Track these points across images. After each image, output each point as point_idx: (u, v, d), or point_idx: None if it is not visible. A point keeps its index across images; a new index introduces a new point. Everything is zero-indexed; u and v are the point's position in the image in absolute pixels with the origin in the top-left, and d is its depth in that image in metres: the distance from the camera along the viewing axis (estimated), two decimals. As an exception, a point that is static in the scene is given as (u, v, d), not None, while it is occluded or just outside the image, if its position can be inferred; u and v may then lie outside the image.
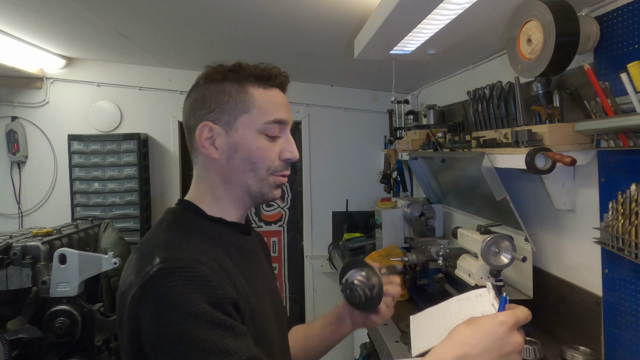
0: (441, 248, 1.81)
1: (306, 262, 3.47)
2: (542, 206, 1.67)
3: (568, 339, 1.49)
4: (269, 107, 0.90)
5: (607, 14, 1.27)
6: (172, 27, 2.28)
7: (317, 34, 2.08)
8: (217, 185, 0.91)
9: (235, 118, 0.88)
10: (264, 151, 0.89)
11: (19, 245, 2.27)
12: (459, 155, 1.91)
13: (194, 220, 0.88)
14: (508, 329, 0.72)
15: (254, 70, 0.91)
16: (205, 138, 0.88)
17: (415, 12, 1.23)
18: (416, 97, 3.19)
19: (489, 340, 0.71)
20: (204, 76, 0.92)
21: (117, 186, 3.21)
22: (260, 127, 0.89)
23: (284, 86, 0.96)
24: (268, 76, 0.92)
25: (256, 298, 0.85)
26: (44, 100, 3.23)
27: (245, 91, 0.89)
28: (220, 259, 0.81)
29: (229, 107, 0.88)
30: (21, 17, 2.23)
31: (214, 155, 0.89)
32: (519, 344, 0.72)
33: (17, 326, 2.05)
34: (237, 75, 0.90)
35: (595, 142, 1.27)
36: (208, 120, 0.88)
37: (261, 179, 0.90)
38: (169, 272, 0.72)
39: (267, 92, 0.91)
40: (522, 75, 1.45)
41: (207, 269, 0.74)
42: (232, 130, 0.88)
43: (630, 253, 1.13)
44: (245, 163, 0.88)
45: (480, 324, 0.73)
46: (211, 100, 0.89)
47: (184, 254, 0.76)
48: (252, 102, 0.89)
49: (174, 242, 0.80)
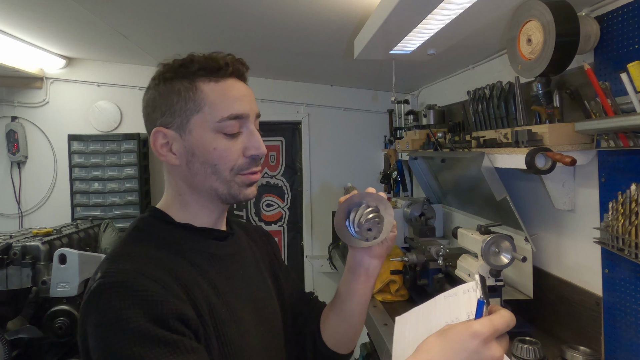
0: (441, 248, 1.81)
1: (306, 262, 3.47)
2: (542, 206, 1.67)
3: (568, 339, 1.49)
4: (222, 103, 0.81)
5: (607, 14, 1.27)
6: (172, 27, 2.28)
7: (317, 34, 2.08)
8: (183, 190, 0.85)
9: (187, 119, 0.81)
10: (223, 151, 0.81)
11: (19, 245, 2.27)
12: (459, 155, 1.91)
13: (157, 228, 0.83)
14: (482, 342, 0.62)
15: (203, 62, 0.82)
16: (161, 145, 0.82)
17: (415, 12, 1.23)
18: (416, 97, 3.19)
19: (458, 356, 0.62)
20: (154, 76, 0.85)
21: (117, 186, 3.21)
22: (214, 125, 0.81)
23: (241, 75, 0.87)
24: (218, 67, 0.83)
25: (226, 308, 0.79)
26: (44, 100, 3.23)
27: (195, 87, 0.81)
28: (177, 268, 0.76)
29: (179, 108, 0.81)
30: (21, 17, 2.23)
31: (173, 161, 0.83)
32: (495, 358, 0.62)
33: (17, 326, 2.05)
34: (186, 70, 0.82)
35: (595, 142, 1.27)
36: (160, 126, 0.82)
37: (226, 180, 0.83)
38: (107, 287, 0.68)
39: (219, 86, 0.82)
40: (522, 75, 1.45)
41: (151, 281, 0.69)
42: (186, 133, 0.81)
43: (630, 253, 1.13)
44: (205, 166, 0.82)
45: (451, 337, 0.63)
46: (161, 103, 0.82)
47: (126, 267, 0.71)
48: (202, 99, 0.81)
49: (124, 253, 0.76)
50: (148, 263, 0.74)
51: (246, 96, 0.85)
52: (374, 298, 2.03)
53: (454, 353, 0.62)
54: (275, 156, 3.52)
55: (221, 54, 0.85)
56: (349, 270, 0.97)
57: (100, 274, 0.71)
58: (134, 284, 0.68)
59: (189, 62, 0.83)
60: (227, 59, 0.84)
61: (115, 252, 0.78)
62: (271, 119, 3.40)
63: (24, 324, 2.08)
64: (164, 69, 0.84)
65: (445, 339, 0.64)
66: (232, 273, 0.86)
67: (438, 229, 2.48)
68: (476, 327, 0.63)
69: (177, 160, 0.83)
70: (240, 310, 0.83)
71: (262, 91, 3.36)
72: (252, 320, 0.85)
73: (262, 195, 3.51)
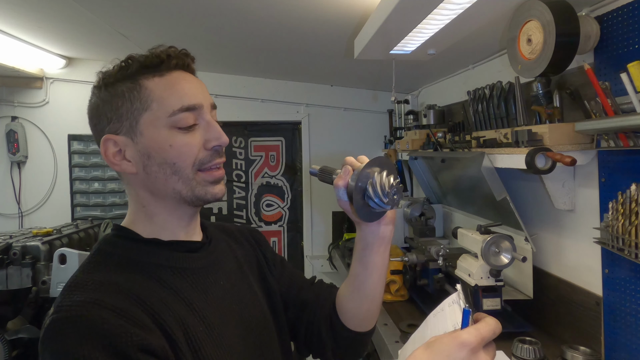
0: (441, 248, 1.81)
1: (306, 262, 3.47)
2: (542, 206, 1.67)
3: (568, 339, 1.49)
4: (171, 95, 0.76)
5: (607, 14, 1.27)
6: (172, 27, 2.28)
7: (317, 34, 2.08)
8: (146, 201, 0.79)
9: (136, 120, 0.75)
10: (182, 147, 0.76)
11: (19, 245, 2.27)
12: (459, 155, 1.91)
13: (121, 248, 0.77)
14: (470, 352, 0.60)
15: (143, 60, 0.77)
16: (113, 154, 0.77)
17: (415, 12, 1.23)
18: (416, 97, 3.19)
19: None
20: (94, 84, 0.80)
21: (117, 186, 3.21)
22: (167, 121, 0.75)
23: (187, 66, 0.81)
24: (159, 61, 0.77)
25: (204, 325, 0.74)
26: (44, 100, 3.23)
27: (139, 86, 0.76)
28: (143, 291, 0.70)
29: (125, 110, 0.76)
30: (21, 17, 2.22)
31: (129, 169, 0.77)
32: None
33: (17, 326, 2.05)
34: (126, 71, 0.77)
35: (595, 142, 1.27)
36: (109, 133, 0.77)
37: (188, 179, 0.77)
38: (61, 323, 0.63)
39: (165, 79, 0.77)
40: (522, 75, 1.45)
41: (109, 311, 0.63)
42: (137, 136, 0.76)
43: (630, 253, 1.13)
44: (164, 167, 0.76)
45: (438, 349, 0.61)
46: (106, 110, 0.77)
47: (83, 298, 0.65)
48: (148, 95, 0.75)
49: (79, 282, 0.70)
50: (107, 291, 0.67)
51: (197, 87, 0.80)
52: (374, 298, 2.03)
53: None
54: (275, 156, 3.52)
55: (162, 47, 0.79)
56: (366, 247, 0.91)
57: (54, 309, 0.65)
58: (89, 317, 0.62)
59: (128, 62, 0.78)
60: (168, 51, 0.79)
61: (72, 281, 0.71)
62: (271, 119, 3.41)
63: (24, 324, 2.08)
64: (102, 75, 0.79)
65: (433, 351, 0.62)
66: (209, 285, 0.80)
67: (438, 229, 2.48)
68: (463, 336, 0.61)
69: (134, 167, 0.77)
70: (220, 324, 0.77)
71: (262, 91, 3.37)
72: (238, 333, 0.80)
73: (262, 195, 3.51)
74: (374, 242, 0.90)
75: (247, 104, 3.37)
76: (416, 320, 1.74)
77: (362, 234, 0.91)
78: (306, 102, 3.42)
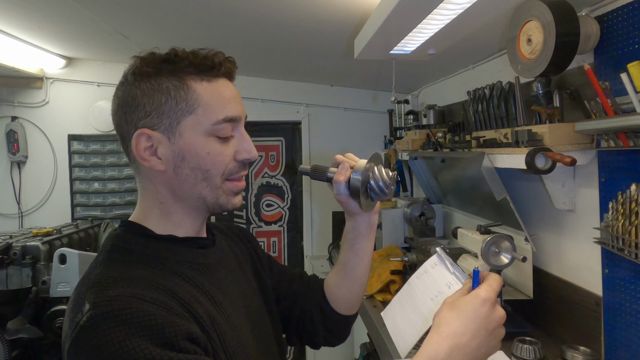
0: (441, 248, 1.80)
1: (306, 262, 3.47)
2: (542, 206, 1.67)
3: (568, 339, 1.49)
4: (217, 104, 0.76)
5: (607, 14, 1.27)
6: (172, 27, 2.28)
7: (317, 34, 2.08)
8: (166, 199, 0.79)
9: (177, 121, 0.74)
10: (217, 156, 0.76)
11: (19, 245, 2.27)
12: (459, 155, 1.91)
13: (137, 245, 0.76)
14: (490, 306, 0.70)
15: (193, 59, 0.76)
16: (145, 148, 0.75)
17: (415, 12, 1.23)
18: (416, 97, 3.19)
19: (476, 323, 0.69)
20: (132, 70, 0.77)
21: (117, 186, 3.21)
22: (208, 128, 0.75)
23: (231, 75, 0.81)
24: (211, 65, 0.77)
25: (225, 318, 0.75)
26: (44, 100, 3.23)
27: (187, 87, 0.75)
28: (172, 285, 0.70)
29: (168, 108, 0.74)
30: (21, 17, 2.23)
31: (158, 167, 0.76)
32: (502, 317, 0.71)
33: (17, 326, 2.05)
34: (173, 67, 0.75)
35: (595, 142, 1.27)
36: (145, 127, 0.74)
37: (216, 187, 0.77)
38: (103, 318, 0.60)
39: (212, 85, 0.77)
40: (522, 75, 1.45)
41: (150, 304, 0.63)
42: (175, 136, 0.75)
43: (630, 253, 1.13)
44: (196, 172, 0.76)
45: (464, 308, 0.70)
46: (145, 102, 0.74)
47: (119, 292, 0.64)
48: (196, 99, 0.75)
49: (108, 278, 0.68)
50: (140, 285, 0.67)
51: (237, 98, 0.80)
52: (373, 298, 2.03)
53: (471, 321, 0.69)
54: (275, 156, 3.52)
55: (211, 51, 0.79)
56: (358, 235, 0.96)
57: (90, 305, 0.62)
58: (132, 309, 0.61)
59: (174, 57, 0.76)
60: (219, 57, 0.78)
61: (98, 278, 0.68)
62: (271, 119, 3.40)
63: (24, 324, 2.08)
64: (141, 63, 0.76)
65: (460, 310, 0.70)
66: (221, 280, 0.82)
67: (438, 229, 2.49)
68: (483, 294, 0.71)
69: (163, 165, 0.76)
70: (237, 317, 0.80)
71: (262, 91, 3.37)
72: (248, 326, 0.83)
73: (262, 195, 3.51)
74: (365, 230, 0.96)
75: (247, 104, 3.29)
76: (416, 320, 1.74)
77: (354, 223, 0.96)
78: (306, 102, 3.42)
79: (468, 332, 0.68)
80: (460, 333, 0.68)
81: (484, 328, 0.69)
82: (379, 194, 0.84)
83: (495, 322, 0.70)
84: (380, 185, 0.83)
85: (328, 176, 0.88)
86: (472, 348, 0.68)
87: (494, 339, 0.71)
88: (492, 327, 0.70)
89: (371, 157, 0.87)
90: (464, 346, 0.68)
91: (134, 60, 0.78)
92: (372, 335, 1.81)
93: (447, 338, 0.68)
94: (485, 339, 0.70)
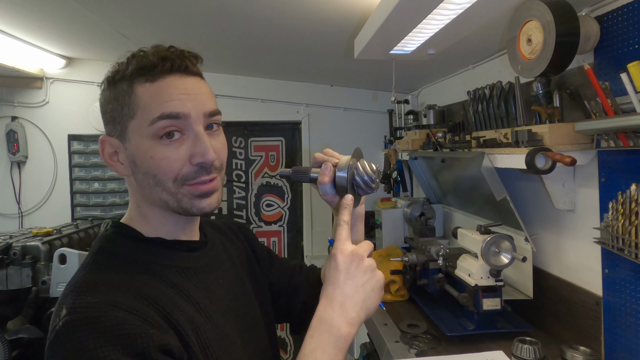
0: (441, 248, 1.81)
1: (306, 262, 3.47)
2: (542, 206, 1.67)
3: (568, 339, 1.49)
4: (155, 102, 0.71)
5: (607, 14, 1.27)
6: (172, 27, 2.28)
7: (317, 34, 2.08)
8: (141, 202, 0.78)
9: (125, 126, 0.73)
10: (161, 160, 0.71)
11: (19, 245, 2.28)
12: (459, 155, 1.91)
13: (124, 248, 0.75)
14: (340, 252, 0.76)
15: (141, 61, 0.73)
16: (109, 154, 0.77)
17: (415, 12, 1.23)
18: (416, 97, 3.19)
19: (351, 281, 0.75)
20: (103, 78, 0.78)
21: (117, 186, 3.21)
22: (147, 130, 0.71)
23: (186, 69, 0.75)
24: (152, 64, 0.72)
25: (210, 324, 0.74)
26: (44, 100, 3.23)
27: (131, 91, 0.72)
28: (153, 292, 0.69)
29: (117, 114, 0.74)
30: (21, 17, 2.22)
31: (122, 172, 0.77)
32: (351, 253, 0.76)
33: (17, 326, 2.05)
34: (125, 71, 0.74)
35: (595, 142, 1.27)
36: (106, 134, 0.77)
37: (171, 192, 0.73)
38: (77, 324, 0.60)
39: (155, 85, 0.72)
40: (522, 75, 1.45)
41: (126, 313, 0.62)
42: (126, 141, 0.74)
43: (630, 253, 1.13)
44: (147, 177, 0.73)
45: (333, 267, 0.76)
46: (104, 110, 0.76)
47: (96, 299, 0.63)
48: (136, 102, 0.72)
49: (88, 283, 0.67)
50: (120, 291, 0.66)
51: (188, 93, 0.73)
52: (374, 298, 2.02)
53: (333, 276, 0.75)
54: (275, 156, 3.52)
55: (160, 47, 0.75)
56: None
57: (67, 310, 0.62)
58: (107, 318, 0.61)
59: (130, 60, 0.74)
60: (163, 53, 0.74)
61: (79, 282, 0.68)
62: (271, 119, 3.41)
63: (24, 324, 2.08)
64: (111, 69, 0.76)
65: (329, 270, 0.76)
66: (210, 284, 0.80)
67: (438, 229, 2.48)
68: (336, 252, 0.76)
69: (125, 170, 0.77)
70: (224, 322, 0.78)
71: (262, 91, 3.37)
72: (237, 330, 0.81)
73: (262, 195, 3.52)
74: (354, 222, 0.96)
75: (247, 104, 3.37)
76: (416, 320, 1.74)
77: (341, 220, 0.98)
78: (306, 102, 3.42)
79: (335, 286, 0.75)
80: (330, 289, 0.75)
81: (342, 276, 0.75)
82: (365, 189, 0.84)
83: (362, 275, 0.76)
84: (365, 179, 0.83)
85: (311, 177, 0.87)
86: (338, 297, 0.74)
87: (362, 277, 0.76)
88: (362, 281, 0.75)
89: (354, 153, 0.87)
90: (331, 297, 0.74)
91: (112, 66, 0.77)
92: (372, 336, 1.81)
93: (322, 300, 0.75)
94: (352, 280, 0.75)
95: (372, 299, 0.76)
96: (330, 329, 0.72)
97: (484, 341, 1.50)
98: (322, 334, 0.72)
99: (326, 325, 0.72)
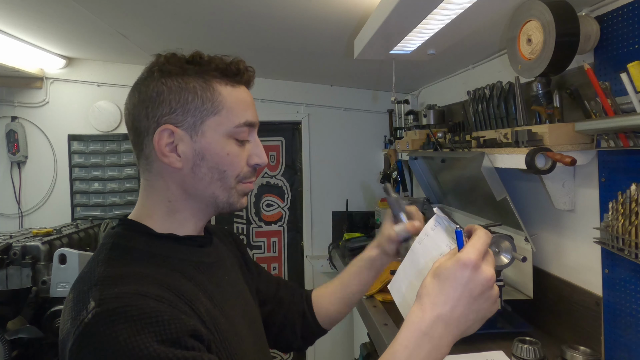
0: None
1: (306, 262, 3.47)
2: (542, 206, 1.67)
3: (568, 339, 1.49)
4: (239, 108, 0.80)
5: (607, 14, 1.27)
6: (172, 27, 2.28)
7: (317, 34, 2.08)
8: (175, 197, 0.80)
9: (202, 120, 0.77)
10: (234, 157, 0.80)
11: (19, 245, 2.27)
12: (459, 155, 1.91)
13: (139, 243, 0.76)
14: (472, 269, 0.64)
15: (219, 63, 0.79)
16: (166, 144, 0.76)
17: (415, 12, 1.23)
18: (416, 97, 3.19)
19: (457, 291, 0.64)
20: (158, 67, 0.78)
21: (117, 186, 3.21)
22: (230, 130, 0.79)
23: (250, 83, 0.87)
24: (236, 71, 0.81)
25: (225, 318, 0.76)
26: (44, 100, 3.23)
27: (212, 89, 0.78)
28: (175, 283, 0.70)
29: (194, 107, 0.76)
30: (21, 17, 2.22)
31: (176, 164, 0.77)
32: (487, 279, 0.64)
33: (17, 326, 2.05)
34: (199, 68, 0.78)
35: (595, 142, 1.27)
36: (168, 123, 0.76)
37: (229, 188, 0.81)
38: (109, 315, 0.60)
39: (236, 91, 0.81)
40: (522, 75, 1.45)
41: (155, 301, 0.63)
42: (198, 135, 0.77)
43: (630, 253, 1.13)
44: (213, 172, 0.78)
45: (444, 275, 0.65)
46: (171, 99, 0.76)
47: (124, 290, 0.64)
48: (221, 101, 0.78)
49: (112, 275, 0.68)
50: (144, 282, 0.67)
51: (254, 105, 0.86)
52: (373, 298, 2.03)
53: (451, 289, 0.64)
54: (275, 156, 3.52)
55: (235, 58, 0.83)
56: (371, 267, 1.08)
57: (95, 303, 0.62)
58: (138, 307, 0.61)
59: (199, 59, 0.79)
60: (244, 65, 0.84)
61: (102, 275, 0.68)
62: (271, 119, 3.40)
63: (24, 324, 2.08)
64: (167, 61, 0.78)
65: (440, 278, 0.65)
66: (220, 279, 0.83)
67: (438, 229, 2.48)
68: (463, 257, 0.64)
69: (181, 162, 0.77)
70: (235, 316, 0.81)
71: (262, 91, 3.37)
72: (245, 325, 0.84)
73: (262, 195, 3.51)
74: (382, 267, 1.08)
75: (247, 104, 3.36)
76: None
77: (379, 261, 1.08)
78: (306, 102, 3.42)
79: (449, 302, 0.64)
80: (441, 303, 0.64)
81: (466, 295, 0.64)
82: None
83: (480, 285, 0.64)
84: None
85: (400, 218, 1.03)
86: (454, 318, 0.64)
87: (483, 303, 0.65)
88: (477, 291, 0.64)
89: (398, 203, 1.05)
90: (445, 316, 0.64)
91: (156, 58, 0.80)
92: (372, 336, 1.81)
93: (428, 310, 0.65)
94: (469, 306, 0.64)
95: (478, 324, 0.67)
96: (432, 340, 0.65)
97: (484, 341, 1.50)
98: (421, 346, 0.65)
99: (428, 339, 0.65)
